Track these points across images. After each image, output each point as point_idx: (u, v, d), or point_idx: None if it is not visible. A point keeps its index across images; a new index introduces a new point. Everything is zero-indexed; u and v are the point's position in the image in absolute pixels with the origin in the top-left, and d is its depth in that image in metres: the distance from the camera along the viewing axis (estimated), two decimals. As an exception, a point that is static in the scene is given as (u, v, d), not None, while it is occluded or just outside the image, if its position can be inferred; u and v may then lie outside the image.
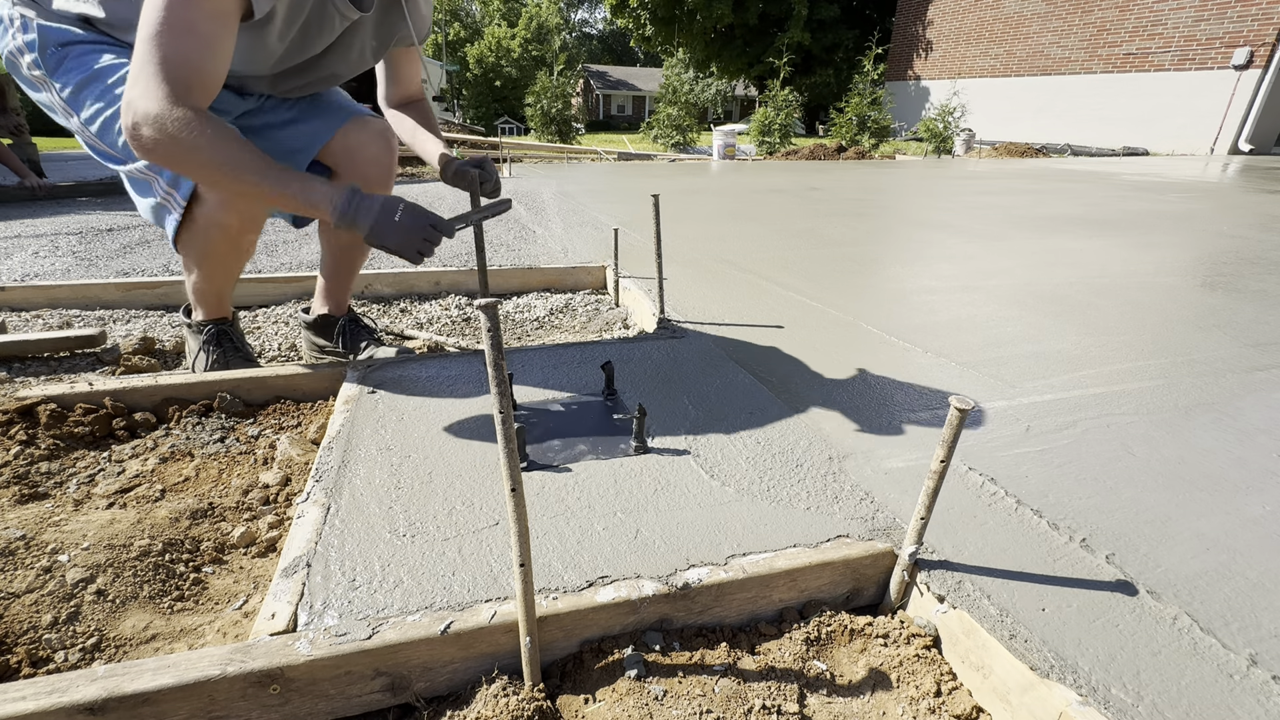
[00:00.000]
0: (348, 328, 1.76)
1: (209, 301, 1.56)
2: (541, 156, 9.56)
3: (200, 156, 1.05)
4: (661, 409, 1.34)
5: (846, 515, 1.00)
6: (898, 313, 2.04)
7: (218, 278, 1.51)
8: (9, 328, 1.96)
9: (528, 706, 0.71)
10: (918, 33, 17.15)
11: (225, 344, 1.58)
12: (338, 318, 1.76)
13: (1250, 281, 2.51)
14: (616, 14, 22.34)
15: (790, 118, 11.50)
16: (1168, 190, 5.64)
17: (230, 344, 1.59)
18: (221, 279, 1.52)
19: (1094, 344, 1.79)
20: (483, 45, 36.52)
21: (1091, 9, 12.87)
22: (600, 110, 44.34)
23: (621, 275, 2.38)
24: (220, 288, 1.54)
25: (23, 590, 0.86)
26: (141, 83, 1.02)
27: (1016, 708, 0.73)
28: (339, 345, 1.76)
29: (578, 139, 14.06)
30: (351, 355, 1.74)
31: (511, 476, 0.64)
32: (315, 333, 1.79)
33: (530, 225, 3.72)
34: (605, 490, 1.05)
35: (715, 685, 0.76)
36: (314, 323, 1.77)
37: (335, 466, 1.10)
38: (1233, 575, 0.89)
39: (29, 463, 1.16)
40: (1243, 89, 10.88)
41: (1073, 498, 1.06)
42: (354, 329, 1.77)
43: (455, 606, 0.79)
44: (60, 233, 3.29)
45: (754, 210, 4.22)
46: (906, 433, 1.28)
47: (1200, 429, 1.31)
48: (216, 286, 1.53)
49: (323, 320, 1.76)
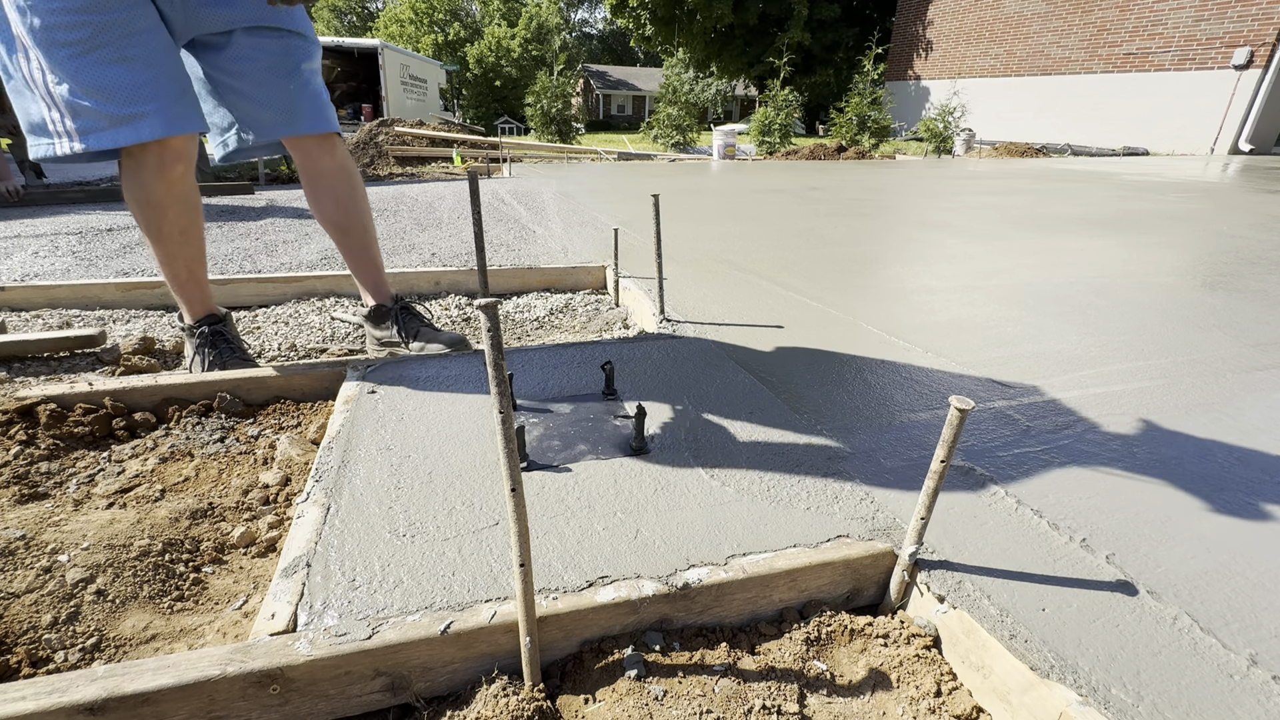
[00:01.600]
0: (400, 316, 1.78)
1: (187, 291, 1.54)
2: (541, 156, 9.55)
3: None
4: (661, 409, 1.34)
5: (846, 515, 1.00)
6: (898, 312, 2.04)
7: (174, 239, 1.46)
8: (9, 328, 1.96)
9: (528, 706, 0.71)
10: (918, 32, 17.15)
11: (220, 344, 1.58)
12: (389, 306, 1.78)
13: (1250, 281, 2.51)
14: (616, 14, 22.33)
15: (790, 118, 11.50)
16: (1168, 190, 5.64)
17: (225, 344, 1.58)
18: (180, 243, 1.47)
19: (1094, 344, 1.79)
20: (483, 45, 36.51)
21: (1092, 9, 12.87)
22: (600, 110, 44.32)
23: (621, 275, 2.38)
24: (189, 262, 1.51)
25: (23, 590, 0.86)
26: None
27: (1016, 708, 0.73)
28: (396, 334, 1.77)
29: (578, 139, 14.06)
30: (407, 342, 1.75)
31: (511, 476, 0.64)
32: (373, 325, 1.81)
33: (530, 225, 3.72)
34: (605, 490, 1.05)
35: (715, 685, 0.76)
36: (369, 316, 1.80)
37: (335, 466, 1.10)
38: (1233, 575, 0.89)
39: (29, 463, 1.16)
40: (1243, 89, 10.88)
41: (1073, 498, 1.06)
42: (406, 317, 1.79)
43: (455, 606, 0.79)
44: (60, 233, 3.29)
45: (754, 210, 4.22)
46: (906, 433, 1.28)
47: (1200, 429, 1.31)
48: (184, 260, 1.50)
49: (376, 311, 1.78)
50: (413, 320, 1.79)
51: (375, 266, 1.79)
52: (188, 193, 1.44)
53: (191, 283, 1.54)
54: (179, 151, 1.36)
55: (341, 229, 1.71)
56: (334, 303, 2.35)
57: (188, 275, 1.52)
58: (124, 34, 1.22)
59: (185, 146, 1.37)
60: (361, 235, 1.74)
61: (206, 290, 1.59)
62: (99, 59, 1.21)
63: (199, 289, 1.56)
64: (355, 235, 1.73)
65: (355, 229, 1.72)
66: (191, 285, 1.54)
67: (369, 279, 1.78)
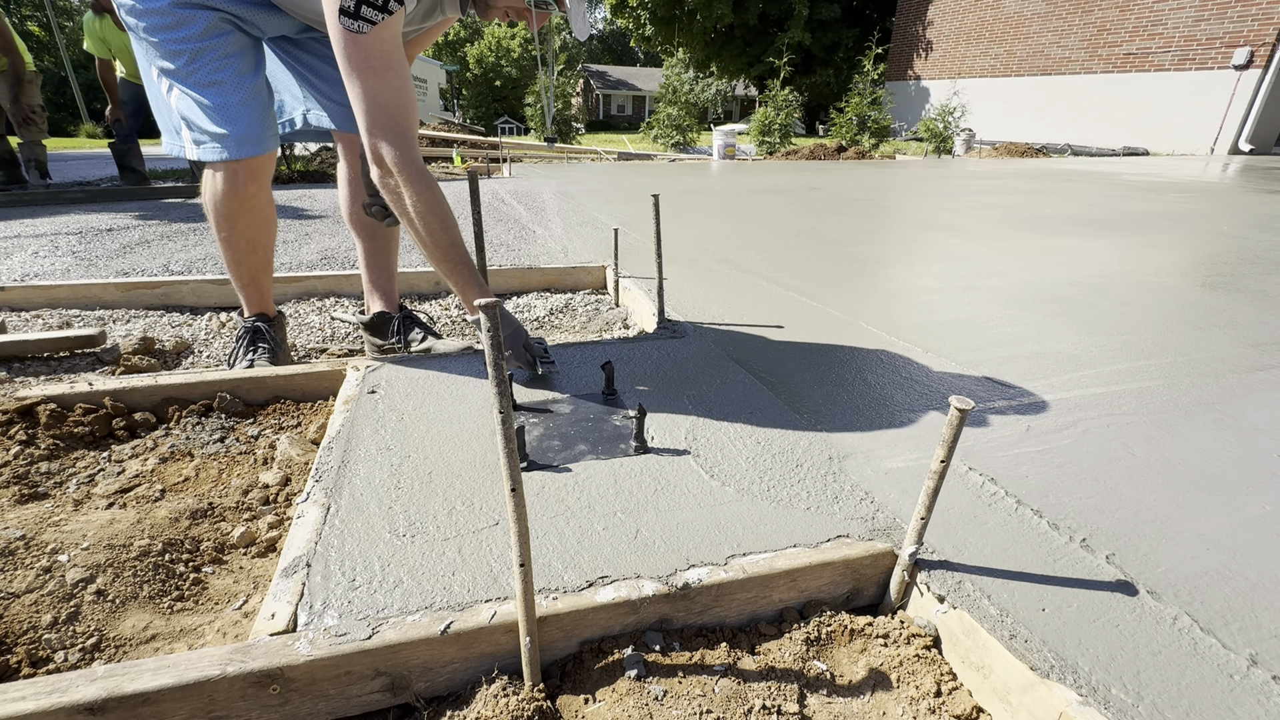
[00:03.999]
0: (402, 324, 1.81)
1: (248, 293, 1.63)
2: (541, 156, 9.55)
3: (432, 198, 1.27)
4: (661, 409, 1.34)
5: (846, 515, 1.00)
6: (898, 312, 2.04)
7: (241, 247, 1.54)
8: (9, 328, 1.96)
9: (528, 706, 0.71)
10: (918, 32, 17.15)
11: (259, 343, 1.62)
12: (392, 315, 1.81)
13: (1250, 281, 2.51)
14: (616, 14, 22.33)
15: (790, 118, 11.50)
16: (1168, 190, 5.64)
17: (265, 343, 1.63)
18: (246, 251, 1.55)
19: (1094, 344, 1.79)
20: (483, 45, 36.51)
21: (1091, 9, 12.87)
22: (600, 110, 44.31)
23: (621, 275, 2.38)
24: (253, 270, 1.60)
25: (23, 590, 0.86)
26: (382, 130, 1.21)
27: (1016, 708, 0.73)
28: (396, 340, 1.80)
29: (578, 139, 14.05)
30: (407, 348, 1.78)
31: (511, 476, 0.64)
32: (372, 332, 1.83)
33: (530, 225, 3.72)
34: (605, 490, 1.05)
35: (715, 685, 0.76)
36: (370, 323, 1.82)
37: (335, 466, 1.10)
38: (1233, 575, 0.89)
39: (29, 463, 1.16)
40: (1243, 89, 10.88)
41: (1073, 498, 1.06)
42: (407, 324, 1.81)
43: (455, 606, 0.79)
44: (60, 233, 3.29)
45: (754, 210, 4.22)
46: (906, 433, 1.28)
47: (1200, 429, 1.31)
48: (248, 269, 1.59)
49: (379, 319, 1.81)
50: (415, 330, 1.81)
51: (391, 275, 1.82)
52: (260, 207, 1.53)
53: (252, 286, 1.63)
54: (254, 171, 1.46)
55: (371, 233, 1.75)
56: (334, 303, 2.35)
57: (249, 280, 1.62)
58: (216, 58, 1.35)
59: (261, 166, 1.47)
60: (387, 242, 1.77)
61: (267, 295, 1.67)
62: (196, 81, 1.35)
63: (259, 293, 1.65)
64: (383, 241, 1.77)
65: (383, 234, 1.76)
66: (252, 289, 1.63)
67: (382, 286, 1.81)
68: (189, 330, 2.04)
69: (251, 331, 1.63)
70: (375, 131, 1.23)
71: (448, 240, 1.32)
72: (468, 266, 1.35)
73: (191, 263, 2.70)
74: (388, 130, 1.22)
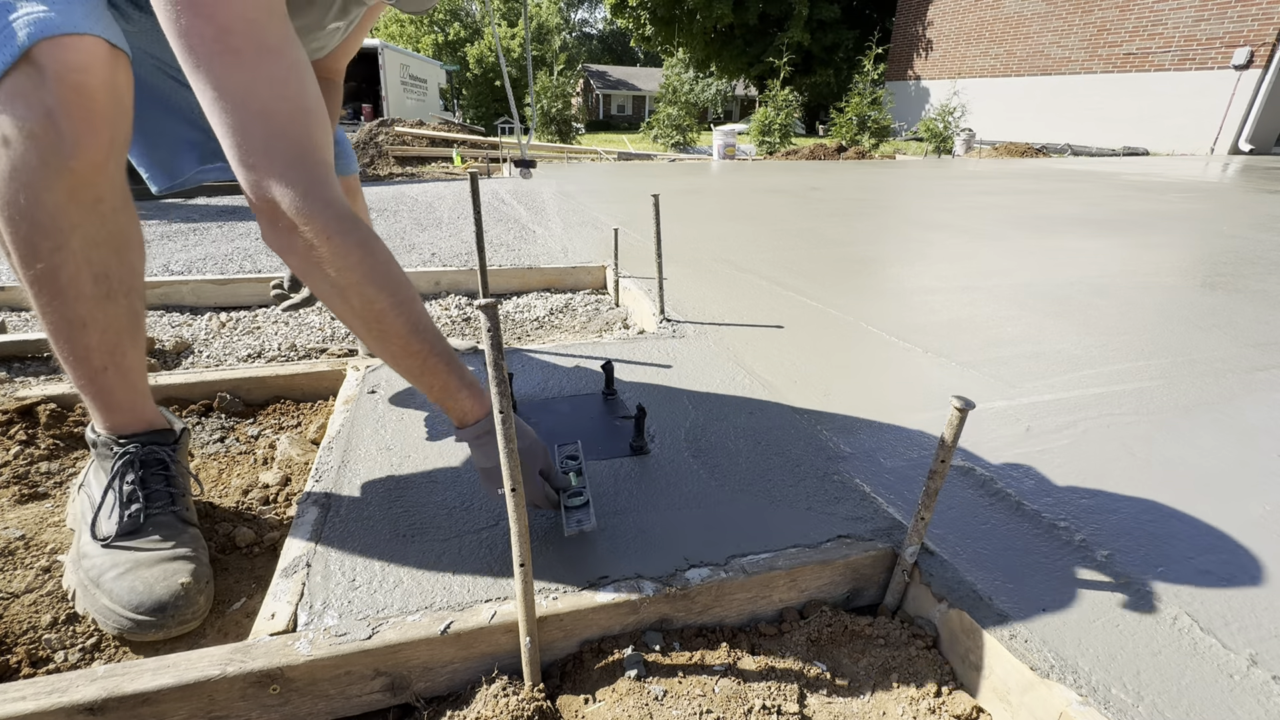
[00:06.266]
0: None
1: (103, 388, 0.87)
2: (541, 156, 9.55)
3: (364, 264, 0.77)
4: (661, 409, 1.34)
5: (846, 515, 1.00)
6: (898, 313, 2.04)
7: (80, 297, 0.79)
8: (9, 328, 1.96)
9: (528, 706, 0.71)
10: (918, 33, 17.15)
11: (152, 479, 0.90)
12: None
13: (1250, 281, 2.51)
14: (616, 14, 22.34)
15: (790, 118, 11.50)
16: (1168, 190, 5.64)
17: (161, 480, 0.91)
18: (91, 304, 0.80)
19: (1094, 344, 1.79)
20: (483, 45, 36.52)
21: (1091, 9, 12.87)
22: (600, 110, 44.32)
23: (621, 275, 2.38)
24: (108, 341, 0.83)
25: (23, 590, 0.86)
26: None
27: (1016, 708, 0.73)
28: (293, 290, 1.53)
29: (578, 139, 14.06)
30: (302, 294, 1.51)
31: (511, 476, 0.64)
32: (289, 288, 1.54)
33: (530, 225, 3.72)
34: (605, 490, 1.05)
35: (715, 685, 0.76)
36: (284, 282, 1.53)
37: (335, 466, 1.10)
38: (1233, 575, 0.89)
39: (29, 463, 1.16)
40: (1243, 89, 10.88)
41: (1073, 498, 1.06)
42: None
43: (455, 606, 0.79)
44: (60, 233, 3.28)
45: (754, 210, 4.22)
46: (906, 433, 1.28)
47: (1200, 429, 1.31)
48: (98, 337, 0.82)
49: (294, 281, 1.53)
50: None
51: None
52: (109, 196, 0.78)
53: (114, 372, 0.86)
54: (86, 109, 0.71)
55: None
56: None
57: (105, 359, 0.84)
58: None
59: (100, 71, 0.71)
60: None
61: (142, 386, 0.92)
62: None
63: (125, 383, 0.88)
64: None
65: None
66: (114, 376, 0.86)
67: None
68: (189, 330, 2.04)
69: (140, 460, 0.89)
70: (253, 158, 0.71)
71: (405, 324, 0.79)
72: (441, 358, 0.82)
73: (191, 263, 2.70)
74: (272, 154, 0.71)
